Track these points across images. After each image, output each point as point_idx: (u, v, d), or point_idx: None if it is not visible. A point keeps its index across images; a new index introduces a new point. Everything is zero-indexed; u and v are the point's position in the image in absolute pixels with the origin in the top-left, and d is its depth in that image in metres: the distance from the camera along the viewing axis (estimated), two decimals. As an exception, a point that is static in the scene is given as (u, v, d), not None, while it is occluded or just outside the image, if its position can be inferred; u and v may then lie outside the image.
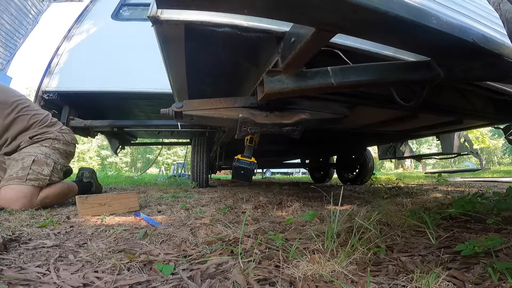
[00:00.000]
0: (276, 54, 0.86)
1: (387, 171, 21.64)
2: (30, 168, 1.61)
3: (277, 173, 15.24)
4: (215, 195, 2.30)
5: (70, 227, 1.13)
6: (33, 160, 1.65)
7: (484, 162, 4.68)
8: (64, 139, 1.89)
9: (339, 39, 0.83)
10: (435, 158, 4.28)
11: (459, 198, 1.26)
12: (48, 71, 2.71)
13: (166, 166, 23.23)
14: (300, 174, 15.12)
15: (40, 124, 1.84)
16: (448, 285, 0.56)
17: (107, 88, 2.68)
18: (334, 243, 0.77)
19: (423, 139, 23.57)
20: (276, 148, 3.78)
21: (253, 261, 0.70)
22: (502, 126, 2.36)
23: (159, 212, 1.53)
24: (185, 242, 0.90)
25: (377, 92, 1.38)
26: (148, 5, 0.77)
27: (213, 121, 1.42)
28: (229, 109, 1.15)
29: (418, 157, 4.50)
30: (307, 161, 5.19)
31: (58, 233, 1.04)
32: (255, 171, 1.41)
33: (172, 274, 0.65)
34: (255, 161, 1.38)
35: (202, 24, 0.77)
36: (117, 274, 0.64)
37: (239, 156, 1.39)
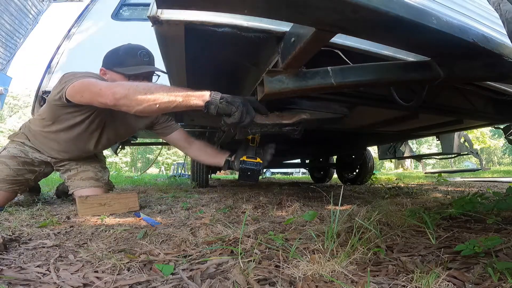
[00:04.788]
0: (276, 54, 0.86)
1: (387, 171, 21.63)
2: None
3: (277, 173, 15.22)
4: (215, 195, 2.30)
5: (70, 227, 1.13)
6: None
7: (484, 162, 4.68)
8: None
9: (339, 39, 0.83)
10: (435, 158, 4.28)
11: (459, 198, 1.26)
12: (48, 71, 2.70)
13: (166, 166, 23.23)
14: (300, 174, 15.09)
15: None
16: (448, 285, 0.56)
17: (107, 88, 2.67)
18: (334, 243, 0.77)
19: (423, 139, 23.55)
20: (276, 148, 3.77)
21: (253, 261, 0.70)
22: (502, 126, 2.36)
23: (159, 212, 1.53)
24: (185, 242, 0.90)
25: (377, 92, 1.38)
26: (148, 5, 0.77)
27: (213, 121, 1.42)
28: (229, 109, 1.14)
29: (418, 157, 4.50)
30: (307, 161, 5.18)
31: (58, 233, 1.04)
32: (261, 171, 1.38)
33: (172, 274, 0.65)
34: (261, 161, 1.37)
35: (202, 24, 0.77)
36: (117, 274, 0.64)
37: (244, 158, 1.38)
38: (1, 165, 1.63)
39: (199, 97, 1.08)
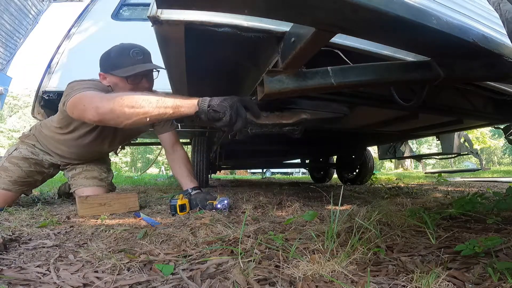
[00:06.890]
0: (276, 54, 0.86)
1: (387, 171, 21.60)
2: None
3: (277, 173, 15.22)
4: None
5: (70, 227, 1.13)
6: None
7: (484, 162, 4.68)
8: None
9: (339, 39, 0.83)
10: (435, 158, 4.28)
11: (459, 198, 1.26)
12: (48, 71, 2.70)
13: (166, 166, 23.20)
14: (300, 174, 15.10)
15: None
16: (448, 285, 0.56)
17: (107, 88, 2.67)
18: (334, 243, 0.77)
19: (423, 139, 23.53)
20: (276, 148, 3.77)
21: (253, 261, 0.70)
22: (502, 126, 2.36)
23: (159, 212, 1.53)
24: (185, 242, 0.90)
25: (377, 92, 1.38)
26: (148, 5, 0.77)
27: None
28: (229, 109, 1.14)
29: (418, 157, 4.50)
30: (307, 161, 5.18)
31: (58, 233, 1.04)
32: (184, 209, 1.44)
33: (172, 274, 0.65)
34: (183, 213, 1.41)
35: (202, 24, 0.77)
36: (117, 274, 0.64)
37: (186, 201, 1.43)
38: (13, 166, 1.64)
39: (189, 107, 1.06)
